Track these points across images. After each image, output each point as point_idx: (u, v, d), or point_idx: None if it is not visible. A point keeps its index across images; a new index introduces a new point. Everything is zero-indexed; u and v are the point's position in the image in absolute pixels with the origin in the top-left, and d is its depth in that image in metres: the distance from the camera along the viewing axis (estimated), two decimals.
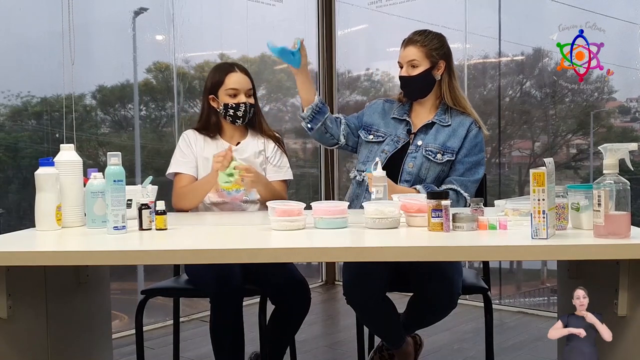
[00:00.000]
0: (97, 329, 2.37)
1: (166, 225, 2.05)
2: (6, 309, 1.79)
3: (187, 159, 2.64)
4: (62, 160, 2.13)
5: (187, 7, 4.15)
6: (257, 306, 2.42)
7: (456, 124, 2.58)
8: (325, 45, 5.02)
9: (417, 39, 2.57)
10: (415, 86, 2.59)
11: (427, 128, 2.60)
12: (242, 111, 2.61)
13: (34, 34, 3.58)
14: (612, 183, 1.64)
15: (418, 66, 2.55)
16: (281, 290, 2.49)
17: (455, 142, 2.55)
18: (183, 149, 2.66)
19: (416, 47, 2.56)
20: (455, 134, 2.57)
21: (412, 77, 2.56)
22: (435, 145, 2.55)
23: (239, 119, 2.63)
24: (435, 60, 2.56)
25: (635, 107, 4.23)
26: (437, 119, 2.59)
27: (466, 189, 2.51)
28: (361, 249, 1.78)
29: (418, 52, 2.55)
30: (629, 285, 1.65)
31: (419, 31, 2.60)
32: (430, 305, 2.40)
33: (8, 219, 3.57)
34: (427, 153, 2.54)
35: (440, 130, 2.58)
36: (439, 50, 2.57)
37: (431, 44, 2.56)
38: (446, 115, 2.60)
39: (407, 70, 2.57)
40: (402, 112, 2.67)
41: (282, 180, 2.71)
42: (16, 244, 1.94)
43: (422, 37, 2.57)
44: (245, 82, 2.64)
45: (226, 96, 2.61)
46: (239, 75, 2.63)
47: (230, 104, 2.60)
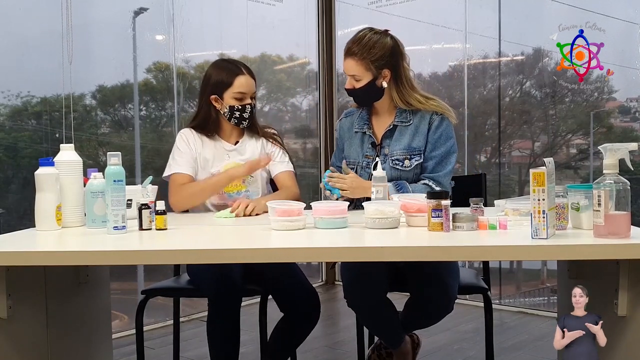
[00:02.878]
0: (97, 329, 2.37)
1: (166, 225, 2.05)
2: (6, 309, 1.79)
3: (186, 158, 2.60)
4: (62, 160, 2.13)
5: (187, 7, 4.15)
6: (257, 306, 2.43)
7: (417, 119, 2.48)
8: (325, 45, 5.02)
9: (354, 50, 2.39)
10: (363, 97, 2.49)
11: (390, 133, 2.50)
12: (248, 113, 2.60)
13: (34, 34, 3.58)
14: (612, 183, 1.64)
15: (360, 79, 2.42)
16: (292, 301, 2.48)
17: (420, 140, 2.46)
18: (181, 149, 2.61)
19: (354, 60, 2.40)
20: (418, 131, 2.47)
21: (356, 89, 2.44)
22: (400, 151, 2.46)
23: (245, 121, 2.61)
24: (377, 72, 2.41)
25: (635, 107, 4.23)
26: (398, 120, 2.49)
27: (439, 184, 2.42)
28: (361, 249, 1.78)
29: (357, 67, 2.40)
30: (629, 285, 1.65)
31: (357, 38, 2.42)
32: (426, 309, 2.40)
33: (8, 219, 3.57)
34: (395, 163, 2.45)
35: (403, 132, 2.48)
36: (380, 61, 2.40)
37: (370, 55, 2.39)
38: (405, 113, 2.49)
39: (351, 83, 2.44)
40: (362, 122, 2.56)
41: (289, 171, 2.70)
42: (16, 244, 1.94)
43: (359, 47, 2.39)
44: (252, 85, 2.60)
45: (232, 99, 2.57)
46: (247, 79, 2.59)
47: (237, 106, 2.57)
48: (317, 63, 5.05)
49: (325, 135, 5.03)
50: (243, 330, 2.37)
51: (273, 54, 5.01)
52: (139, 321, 2.44)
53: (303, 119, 5.27)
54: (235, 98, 2.57)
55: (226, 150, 2.65)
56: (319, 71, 5.05)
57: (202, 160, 2.62)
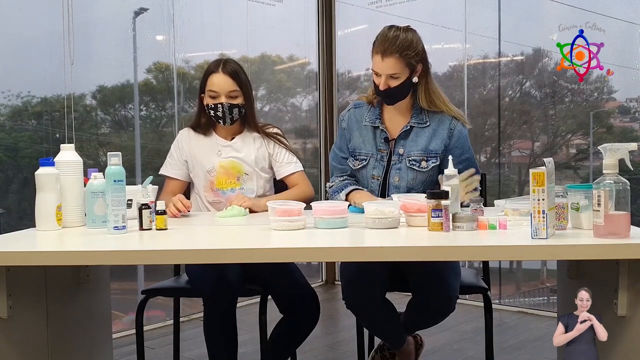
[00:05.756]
0: (97, 329, 2.37)
1: (166, 225, 2.05)
2: (6, 309, 1.79)
3: (175, 162, 2.68)
4: (63, 160, 2.13)
5: (187, 7, 4.15)
6: (257, 306, 2.43)
7: (435, 123, 2.48)
8: (325, 45, 5.02)
9: (394, 49, 2.35)
10: (396, 96, 2.45)
11: (405, 134, 2.48)
12: (220, 112, 2.58)
13: (34, 34, 3.58)
14: (612, 183, 1.64)
15: (398, 77, 2.39)
16: (292, 302, 2.49)
17: (438, 143, 2.46)
18: (173, 152, 2.70)
19: (394, 59, 2.36)
20: (436, 134, 2.47)
21: (392, 89, 2.41)
22: (417, 152, 2.46)
23: (220, 120, 2.61)
24: (413, 67, 2.41)
25: (635, 107, 4.23)
26: (415, 121, 2.48)
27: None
28: (361, 249, 1.78)
29: (398, 64, 2.37)
30: (629, 285, 1.65)
31: (391, 38, 2.37)
32: (428, 309, 2.40)
33: (8, 219, 3.57)
34: (411, 163, 2.46)
35: (419, 133, 2.47)
36: (417, 56, 2.40)
37: (410, 51, 2.37)
38: (422, 114, 2.49)
39: (386, 82, 2.39)
40: (374, 117, 2.53)
41: (299, 171, 2.69)
42: (16, 244, 1.94)
43: (397, 46, 2.35)
44: (226, 83, 2.56)
45: (208, 97, 2.60)
46: (221, 77, 2.56)
47: (210, 105, 2.59)
48: (317, 63, 5.05)
49: (325, 135, 5.03)
50: (243, 330, 2.38)
51: (273, 54, 5.01)
52: (139, 321, 2.44)
53: (303, 119, 5.27)
54: (210, 96, 2.59)
55: (220, 145, 2.65)
56: (319, 71, 5.05)
57: (194, 160, 2.66)
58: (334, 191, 2.51)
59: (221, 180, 2.62)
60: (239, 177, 2.63)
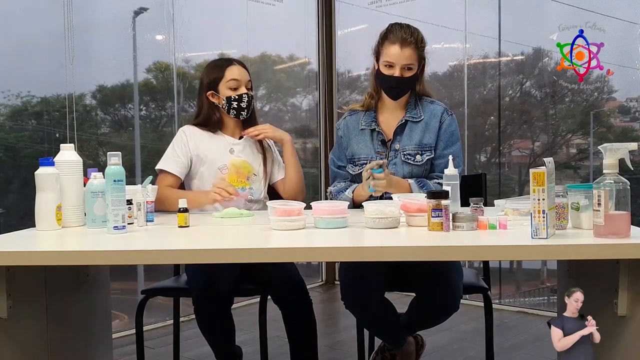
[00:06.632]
0: (97, 329, 2.38)
1: (187, 223, 2.09)
2: (6, 309, 1.79)
3: (178, 159, 2.58)
4: (62, 160, 2.13)
5: (187, 7, 4.15)
6: (257, 306, 2.42)
7: (428, 116, 2.54)
8: (325, 45, 5.02)
9: (412, 40, 2.45)
10: (406, 86, 2.52)
11: (400, 128, 2.54)
12: (245, 102, 2.59)
13: (35, 34, 3.58)
14: (612, 183, 1.64)
15: (412, 68, 2.48)
16: (279, 290, 2.48)
17: (431, 136, 2.51)
18: (176, 148, 2.60)
19: (412, 49, 2.45)
20: (428, 127, 2.52)
21: (404, 78, 2.48)
22: (412, 146, 2.51)
23: (243, 111, 2.60)
24: (422, 61, 2.52)
25: (635, 107, 4.23)
26: (409, 116, 2.54)
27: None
28: (361, 248, 1.78)
29: (414, 55, 2.46)
30: (629, 285, 1.65)
31: (408, 30, 2.47)
32: (433, 308, 2.38)
33: (8, 219, 3.57)
34: (406, 157, 2.51)
35: (413, 128, 2.53)
36: (424, 50, 2.51)
37: (423, 44, 2.49)
38: (417, 109, 2.55)
39: (401, 72, 2.45)
40: (370, 120, 2.58)
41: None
42: (16, 244, 1.94)
43: (415, 37, 2.46)
44: (245, 74, 2.62)
45: (227, 89, 2.58)
46: (239, 68, 2.61)
47: (233, 97, 2.57)
48: (317, 63, 5.05)
49: (325, 135, 5.03)
50: (243, 330, 2.38)
51: (273, 54, 5.01)
52: (139, 321, 2.44)
53: (303, 119, 5.27)
54: (230, 88, 2.58)
55: (231, 144, 2.64)
56: (319, 71, 5.05)
57: (202, 157, 2.60)
58: (338, 191, 2.52)
59: (232, 179, 2.59)
60: (249, 177, 2.63)
